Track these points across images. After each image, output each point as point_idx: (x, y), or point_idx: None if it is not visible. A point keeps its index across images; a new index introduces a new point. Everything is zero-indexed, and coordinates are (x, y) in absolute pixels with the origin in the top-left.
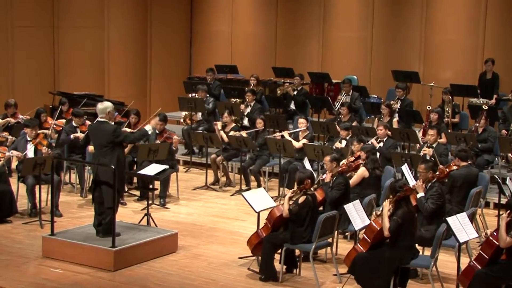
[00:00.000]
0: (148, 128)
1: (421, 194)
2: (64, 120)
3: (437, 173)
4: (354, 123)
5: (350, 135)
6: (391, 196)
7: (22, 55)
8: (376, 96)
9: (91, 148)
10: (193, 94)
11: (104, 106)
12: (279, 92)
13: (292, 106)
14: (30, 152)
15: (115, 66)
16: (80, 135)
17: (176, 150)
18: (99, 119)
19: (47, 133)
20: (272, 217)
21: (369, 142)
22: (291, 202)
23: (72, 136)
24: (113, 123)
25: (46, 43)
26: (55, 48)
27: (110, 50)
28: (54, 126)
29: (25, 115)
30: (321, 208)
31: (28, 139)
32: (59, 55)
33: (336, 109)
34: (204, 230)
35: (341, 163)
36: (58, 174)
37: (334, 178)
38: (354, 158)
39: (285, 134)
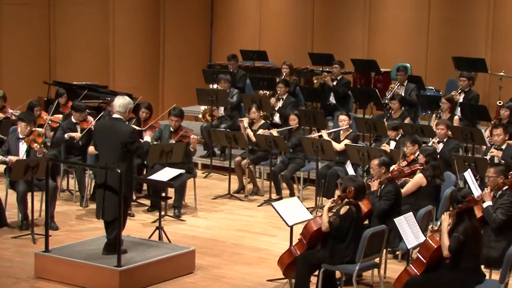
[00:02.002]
0: (148, 139)
1: (488, 203)
2: (61, 115)
3: (510, 177)
4: (407, 120)
5: (400, 135)
6: (451, 208)
7: (11, 37)
8: (433, 88)
9: (91, 149)
10: (214, 85)
11: (127, 101)
12: (315, 82)
13: (332, 99)
14: (22, 152)
15: (121, 51)
16: (77, 134)
17: (194, 152)
18: (114, 115)
19: (41, 131)
20: (307, 231)
21: (430, 144)
22: (331, 214)
23: (66, 135)
24: (136, 119)
25: (39, 23)
26: (51, 30)
27: (116, 32)
28: (50, 122)
29: (16, 109)
30: (366, 222)
31: (20, 136)
32: (56, 38)
33: (386, 102)
34: (226, 247)
35: (390, 168)
36: (54, 179)
37: (382, 186)
38: (407, 163)
39: (324, 133)
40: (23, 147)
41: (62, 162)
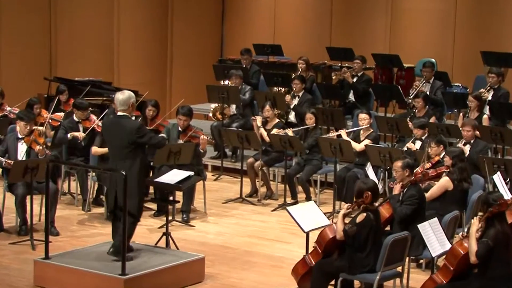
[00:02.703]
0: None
1: None
2: (62, 114)
3: None
4: (432, 119)
5: (426, 135)
6: (481, 212)
7: (9, 30)
8: (460, 85)
9: (94, 149)
10: (225, 82)
11: (126, 96)
12: (334, 78)
13: (352, 97)
14: (21, 153)
15: (126, 45)
16: (80, 134)
17: (203, 153)
18: (119, 113)
19: (41, 130)
20: (323, 239)
21: (459, 145)
22: (347, 221)
23: (69, 135)
24: (134, 118)
25: (40, 15)
26: (52, 22)
27: (121, 25)
28: (50, 120)
29: (14, 107)
30: (387, 228)
31: (20, 136)
32: (57, 31)
33: (409, 101)
34: (237, 255)
35: (414, 170)
36: (54, 182)
37: (405, 190)
38: (431, 165)
39: (343, 133)
40: (22, 147)
41: (64, 163)
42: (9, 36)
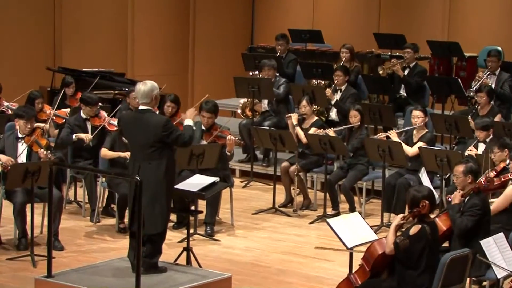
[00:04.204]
0: (190, 123)
1: None
2: (68, 109)
3: None
4: (498, 118)
5: (491, 137)
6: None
7: (7, 14)
8: None
9: (103, 152)
10: (256, 73)
11: (149, 87)
12: (381, 72)
13: (403, 91)
14: (22, 155)
15: (142, 31)
16: (87, 136)
17: (230, 156)
18: (141, 107)
19: (44, 128)
20: (371, 255)
21: None
22: (398, 234)
23: (74, 136)
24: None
25: None
26: (56, 5)
27: (136, 9)
28: (54, 117)
29: (12, 101)
30: (445, 245)
31: (20, 135)
32: (62, 15)
33: (471, 95)
34: (270, 274)
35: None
36: (58, 188)
37: (466, 199)
38: (495, 173)
39: (392, 133)
40: (22, 148)
41: (69, 167)
42: (7, 21)
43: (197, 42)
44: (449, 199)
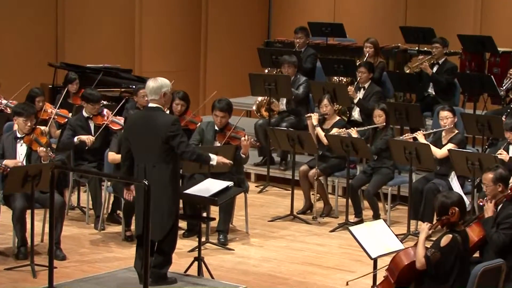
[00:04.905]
0: (213, 162)
1: None
2: (73, 108)
3: None
4: None
5: None
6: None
7: (5, 6)
8: None
9: (111, 156)
10: (273, 69)
11: (158, 84)
12: (407, 71)
13: (432, 89)
14: (20, 156)
15: (150, 25)
16: (89, 138)
17: (245, 158)
18: (150, 104)
19: (44, 130)
20: (396, 267)
21: None
22: (427, 244)
23: (76, 139)
24: (169, 112)
25: None
26: None
27: (144, 0)
28: (56, 117)
29: (11, 99)
30: (476, 255)
31: (19, 135)
32: (65, 7)
33: (505, 94)
34: (288, 286)
35: (510, 185)
36: (60, 193)
37: (498, 208)
38: None
39: (420, 134)
40: (21, 149)
41: (72, 170)
42: (6, 13)
43: (210, 36)
44: (481, 204)
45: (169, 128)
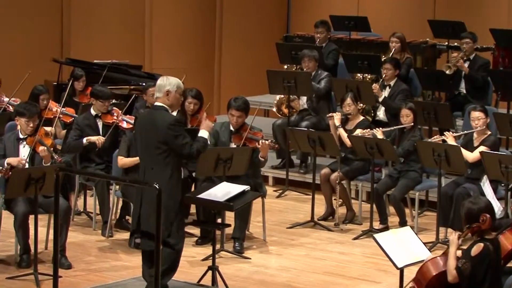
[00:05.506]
0: (205, 134)
1: None
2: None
3: None
4: None
5: None
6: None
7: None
8: None
9: (121, 161)
10: (292, 66)
11: (164, 81)
12: (448, 72)
13: (463, 88)
14: (23, 158)
15: (161, 19)
16: (99, 139)
17: (263, 161)
18: (155, 103)
19: (50, 131)
20: (424, 277)
21: None
22: (459, 253)
23: (85, 140)
24: (173, 113)
25: None
26: None
27: None
28: (61, 116)
29: (13, 96)
30: (510, 264)
31: (21, 136)
32: (70, 1)
33: None
34: None
35: None
36: (65, 197)
37: None
38: None
39: (449, 136)
40: (24, 150)
41: (78, 173)
42: (8, 7)
43: (225, 30)
44: None
45: (168, 129)
